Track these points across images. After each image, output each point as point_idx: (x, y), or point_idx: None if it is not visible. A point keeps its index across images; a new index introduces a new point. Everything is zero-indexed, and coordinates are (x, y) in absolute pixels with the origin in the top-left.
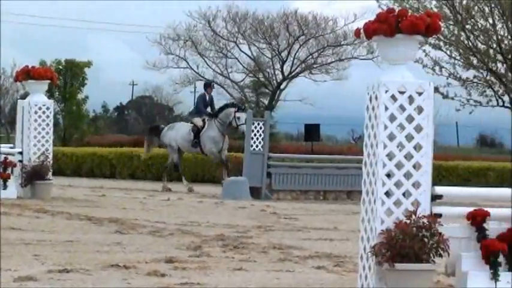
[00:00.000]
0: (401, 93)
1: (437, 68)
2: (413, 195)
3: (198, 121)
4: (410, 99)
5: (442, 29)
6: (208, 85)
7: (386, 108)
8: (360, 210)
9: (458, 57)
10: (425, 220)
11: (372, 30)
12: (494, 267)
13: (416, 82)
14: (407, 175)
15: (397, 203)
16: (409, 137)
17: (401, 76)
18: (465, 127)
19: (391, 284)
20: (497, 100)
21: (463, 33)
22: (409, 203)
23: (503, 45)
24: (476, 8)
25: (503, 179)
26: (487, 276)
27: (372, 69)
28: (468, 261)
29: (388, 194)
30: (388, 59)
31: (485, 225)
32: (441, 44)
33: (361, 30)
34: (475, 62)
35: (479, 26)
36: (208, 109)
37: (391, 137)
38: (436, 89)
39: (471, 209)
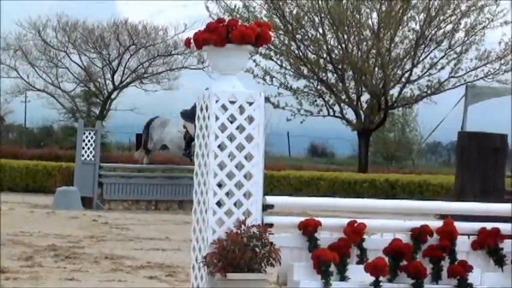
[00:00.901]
0: (232, 103)
1: (268, 77)
2: (244, 205)
3: (191, 127)
4: (241, 109)
5: (273, 39)
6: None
7: (217, 118)
8: (192, 220)
9: (289, 67)
10: (256, 230)
11: (201, 40)
12: (325, 276)
13: (246, 92)
14: (239, 185)
15: (229, 213)
16: (240, 147)
17: (232, 86)
18: (297, 137)
19: None
20: (327, 110)
21: (293, 43)
22: (241, 213)
23: (333, 55)
24: (306, 18)
25: (334, 188)
26: (318, 286)
27: (203, 78)
28: (300, 271)
29: (219, 204)
30: (219, 69)
31: (316, 234)
32: (272, 53)
33: (191, 40)
34: (305, 71)
35: (310, 35)
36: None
37: (222, 147)
38: (267, 99)
39: (303, 218)
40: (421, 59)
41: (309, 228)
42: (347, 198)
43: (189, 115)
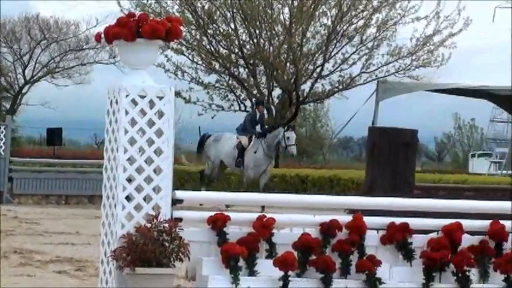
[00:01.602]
0: (142, 97)
1: (179, 72)
2: (154, 199)
3: (243, 138)
4: (151, 104)
5: (184, 34)
6: (260, 103)
7: (126, 113)
8: (101, 215)
9: (200, 62)
10: (165, 224)
11: (112, 34)
12: (234, 271)
13: (157, 87)
14: (148, 179)
15: (138, 208)
16: (150, 142)
17: (142, 81)
18: (208, 131)
19: None
20: (239, 104)
21: (205, 38)
22: (150, 208)
23: (245, 50)
24: (218, 13)
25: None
26: (227, 280)
27: (115, 73)
28: (208, 265)
29: (128, 198)
30: (129, 64)
31: (225, 229)
32: (183, 48)
33: (102, 35)
34: (217, 66)
35: (222, 31)
36: (258, 128)
37: (132, 142)
38: (178, 94)
39: (212, 213)
40: (332, 54)
41: (218, 223)
42: (256, 193)
43: (239, 130)
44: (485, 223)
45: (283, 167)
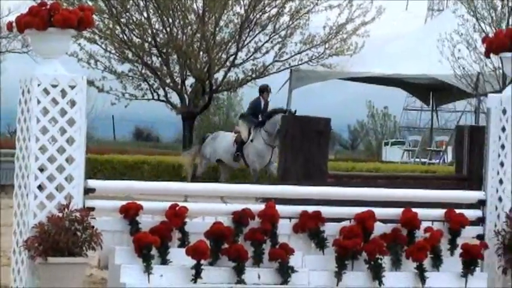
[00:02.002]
0: (54, 86)
1: (92, 61)
2: (66, 188)
3: (242, 130)
4: (63, 93)
5: (97, 22)
6: (264, 89)
7: (38, 102)
8: (13, 205)
9: (113, 51)
10: (77, 214)
11: (23, 23)
12: (146, 260)
13: (69, 76)
14: (60, 169)
15: (50, 197)
16: (62, 131)
17: (54, 70)
18: (121, 121)
19: (44, 278)
20: (152, 94)
21: (118, 27)
22: (62, 197)
23: (158, 39)
24: (131, 1)
25: (158, 172)
26: (140, 269)
27: (28, 62)
28: (121, 254)
29: (40, 187)
30: (41, 53)
31: (138, 218)
32: (96, 37)
33: (13, 24)
34: (130, 55)
35: (134, 19)
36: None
37: (44, 131)
38: (91, 83)
39: (124, 202)
40: (245, 43)
41: (130, 212)
42: (170, 182)
43: (245, 114)
44: (398, 211)
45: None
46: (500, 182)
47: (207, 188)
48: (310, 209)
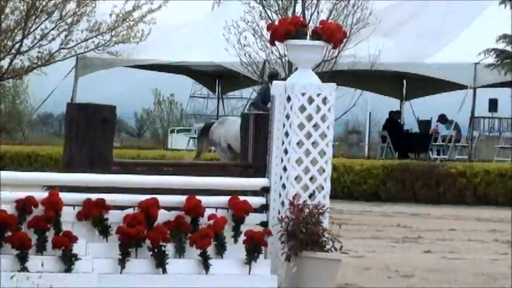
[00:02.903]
0: None
1: None
2: None
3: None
4: None
5: None
6: (274, 75)
7: None
8: None
9: None
10: None
11: None
12: None
13: None
14: None
15: None
16: None
17: None
18: None
19: None
20: None
21: None
22: None
23: None
24: None
25: None
26: None
27: None
28: None
29: None
30: None
31: None
32: None
33: None
34: None
35: None
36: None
37: None
38: None
39: None
40: (32, 30)
41: None
42: None
43: (256, 102)
44: (182, 198)
45: None
46: (284, 169)
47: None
48: (95, 196)
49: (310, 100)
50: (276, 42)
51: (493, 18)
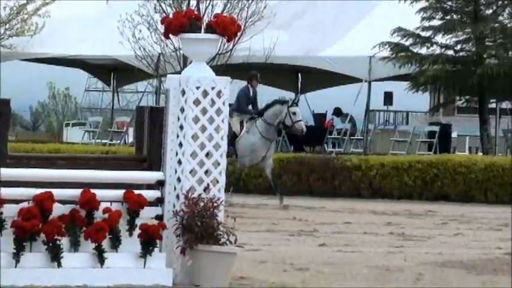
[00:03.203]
0: None
1: None
2: None
3: (234, 124)
4: None
5: None
6: (252, 77)
7: None
8: None
9: None
10: None
11: None
12: None
13: None
14: None
15: None
16: None
17: None
18: None
19: None
20: None
21: None
22: None
23: None
24: None
25: None
26: None
27: None
28: None
29: None
30: None
31: None
32: None
33: None
34: None
35: None
36: (250, 107)
37: None
38: None
39: None
40: None
41: None
42: None
43: (235, 108)
44: (77, 192)
45: None
46: (179, 162)
47: None
48: None
49: (205, 93)
50: (171, 36)
51: (388, 11)
